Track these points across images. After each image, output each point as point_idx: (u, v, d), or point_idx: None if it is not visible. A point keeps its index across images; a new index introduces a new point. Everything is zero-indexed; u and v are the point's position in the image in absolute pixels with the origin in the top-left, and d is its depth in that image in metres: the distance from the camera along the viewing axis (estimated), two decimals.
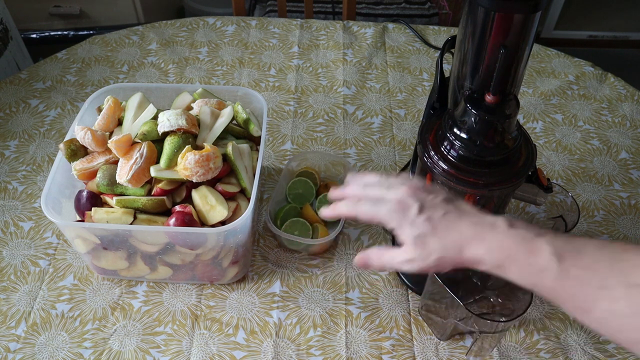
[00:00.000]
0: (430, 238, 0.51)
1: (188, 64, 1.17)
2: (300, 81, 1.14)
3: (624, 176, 0.98)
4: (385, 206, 0.53)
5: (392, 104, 1.11)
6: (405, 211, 0.52)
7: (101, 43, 1.22)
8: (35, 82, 1.11)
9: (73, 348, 0.74)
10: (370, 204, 0.54)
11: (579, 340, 0.76)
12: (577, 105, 1.12)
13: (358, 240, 0.87)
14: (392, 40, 1.26)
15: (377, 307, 0.79)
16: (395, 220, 0.52)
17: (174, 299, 0.79)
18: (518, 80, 0.59)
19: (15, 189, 0.92)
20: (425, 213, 0.51)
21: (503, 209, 0.71)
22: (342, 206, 0.57)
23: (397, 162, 0.99)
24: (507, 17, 0.52)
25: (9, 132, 1.01)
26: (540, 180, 0.66)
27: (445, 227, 0.50)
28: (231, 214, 0.72)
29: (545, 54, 1.24)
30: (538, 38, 2.46)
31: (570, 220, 0.77)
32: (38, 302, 0.78)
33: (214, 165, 0.70)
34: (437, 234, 0.50)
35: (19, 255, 0.83)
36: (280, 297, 0.80)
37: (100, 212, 0.70)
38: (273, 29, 1.28)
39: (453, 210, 0.51)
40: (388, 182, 0.55)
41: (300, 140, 1.02)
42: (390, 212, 0.52)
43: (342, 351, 0.74)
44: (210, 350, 0.74)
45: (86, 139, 0.73)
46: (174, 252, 0.73)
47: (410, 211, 0.51)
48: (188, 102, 0.82)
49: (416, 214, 0.51)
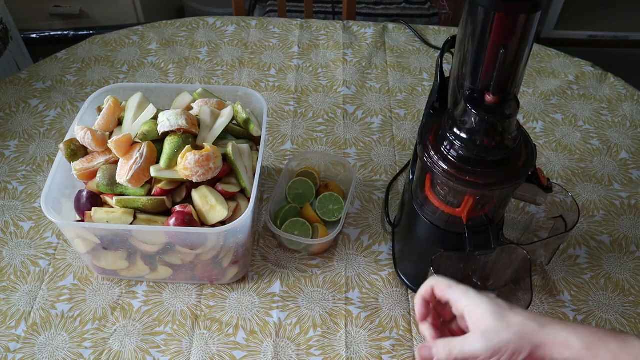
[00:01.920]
0: (508, 312, 0.50)
1: (188, 64, 1.17)
2: (300, 81, 1.14)
3: (624, 176, 0.98)
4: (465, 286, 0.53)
5: (392, 104, 1.11)
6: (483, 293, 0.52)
7: (101, 43, 1.22)
8: (35, 82, 1.11)
9: (73, 348, 0.74)
10: (452, 285, 0.54)
11: None
12: (577, 105, 1.12)
13: (358, 240, 0.87)
14: (392, 40, 1.26)
15: (377, 307, 0.79)
16: (473, 296, 0.52)
17: (174, 299, 0.79)
18: (518, 80, 0.58)
19: (15, 189, 0.92)
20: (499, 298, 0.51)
21: (503, 209, 0.71)
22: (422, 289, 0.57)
23: (397, 162, 0.99)
24: (507, 17, 0.52)
25: (9, 132, 1.01)
26: (540, 180, 0.66)
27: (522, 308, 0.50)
28: (231, 214, 0.72)
29: (545, 54, 1.24)
30: (538, 38, 2.46)
31: (570, 220, 0.77)
32: (38, 302, 0.78)
33: (214, 165, 0.70)
34: (516, 311, 0.50)
35: (19, 255, 0.83)
36: (280, 297, 0.80)
37: (100, 212, 0.70)
38: (273, 29, 1.28)
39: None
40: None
41: (300, 140, 1.02)
42: (471, 290, 0.52)
43: (342, 351, 0.74)
44: (210, 350, 0.74)
45: (86, 139, 0.73)
46: (174, 252, 0.73)
47: (488, 294, 0.51)
48: (188, 102, 0.82)
49: (493, 296, 0.51)
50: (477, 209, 0.66)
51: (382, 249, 0.86)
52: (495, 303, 0.50)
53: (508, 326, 0.48)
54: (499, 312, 0.49)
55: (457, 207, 0.66)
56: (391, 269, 0.84)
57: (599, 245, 0.87)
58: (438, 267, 0.71)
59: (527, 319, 0.49)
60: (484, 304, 0.50)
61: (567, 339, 0.47)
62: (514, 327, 0.48)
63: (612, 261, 0.85)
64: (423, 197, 0.70)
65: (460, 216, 0.67)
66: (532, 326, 0.48)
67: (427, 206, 0.70)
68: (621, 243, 0.88)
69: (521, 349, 0.48)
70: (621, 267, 0.85)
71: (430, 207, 0.70)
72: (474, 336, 0.50)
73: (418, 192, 0.72)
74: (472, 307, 0.51)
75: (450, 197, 0.66)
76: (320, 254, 0.85)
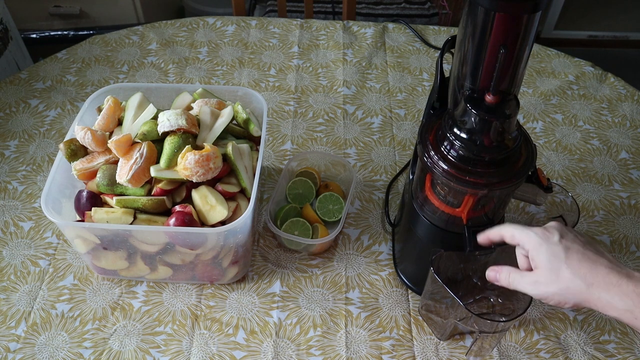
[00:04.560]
0: (561, 264, 0.53)
1: (188, 64, 1.17)
2: (300, 81, 1.14)
3: (624, 176, 0.98)
4: (532, 231, 0.57)
5: (392, 104, 1.11)
6: (547, 237, 0.55)
7: (101, 43, 1.22)
8: (35, 82, 1.11)
9: (73, 348, 0.74)
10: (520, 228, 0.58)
11: (579, 340, 0.76)
12: (577, 105, 1.12)
13: (358, 240, 0.87)
14: (392, 40, 1.26)
15: (377, 307, 0.79)
16: (534, 242, 0.55)
17: (174, 299, 0.79)
18: (518, 80, 0.59)
19: (15, 189, 0.92)
20: (564, 242, 0.54)
21: (503, 209, 0.71)
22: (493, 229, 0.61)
23: (397, 162, 0.99)
24: (507, 17, 0.52)
25: (9, 132, 1.01)
26: (540, 180, 0.66)
27: (579, 259, 0.53)
28: (231, 214, 0.72)
29: (545, 54, 1.24)
30: (538, 38, 2.46)
31: (570, 220, 0.77)
32: (38, 302, 0.78)
33: (214, 165, 0.70)
34: (570, 263, 0.53)
35: (19, 255, 0.83)
36: (280, 297, 0.80)
37: (100, 212, 0.70)
38: (273, 29, 1.28)
39: (592, 250, 0.54)
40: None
41: (300, 140, 1.02)
42: (534, 235, 0.56)
43: (342, 351, 0.74)
44: (210, 350, 0.74)
45: (86, 139, 0.73)
46: (174, 252, 0.73)
47: (551, 238, 0.55)
48: (188, 102, 0.82)
49: (556, 241, 0.54)
50: (477, 209, 0.66)
51: (382, 249, 0.86)
52: (552, 253, 0.54)
53: (557, 280, 0.53)
54: (553, 263, 0.53)
55: (457, 207, 0.66)
56: (391, 269, 0.84)
57: (599, 245, 0.87)
58: (438, 267, 0.71)
59: (575, 276, 0.52)
60: (543, 252, 0.54)
61: (610, 302, 0.50)
62: (562, 282, 0.53)
63: None
64: (423, 197, 0.70)
65: (460, 216, 0.67)
66: (579, 284, 0.52)
67: (427, 206, 0.70)
68: (621, 243, 0.88)
69: (565, 301, 0.53)
70: None
71: (430, 207, 0.70)
72: (528, 279, 0.56)
73: (418, 192, 0.72)
74: (533, 252, 0.55)
75: (450, 197, 0.66)
76: (320, 254, 0.85)
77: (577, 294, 0.52)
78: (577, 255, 0.53)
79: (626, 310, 0.50)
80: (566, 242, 0.54)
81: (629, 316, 0.50)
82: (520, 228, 0.58)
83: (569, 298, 0.53)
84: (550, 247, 0.54)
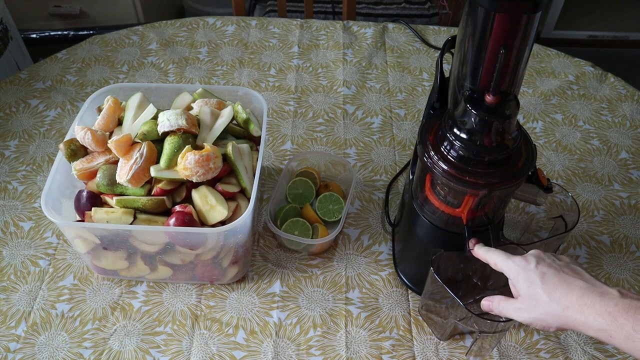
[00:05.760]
0: (538, 290, 0.55)
1: (188, 64, 1.17)
2: (300, 81, 1.14)
3: (624, 176, 0.98)
4: (511, 260, 0.59)
5: (392, 104, 1.11)
6: (524, 265, 0.57)
7: (101, 43, 1.22)
8: (35, 82, 1.11)
9: (73, 348, 0.74)
10: (502, 257, 0.60)
11: (579, 340, 0.76)
12: (577, 105, 1.12)
13: (358, 240, 0.87)
14: (392, 40, 1.26)
15: (377, 307, 0.79)
16: (514, 271, 0.58)
17: (174, 299, 0.79)
18: (518, 80, 0.59)
19: (15, 189, 0.92)
20: (540, 267, 0.56)
21: (503, 209, 0.71)
22: (480, 251, 0.64)
23: (397, 162, 0.99)
24: (507, 17, 0.52)
25: (9, 132, 1.01)
26: (540, 180, 0.66)
27: (554, 284, 0.54)
28: (231, 214, 0.72)
29: (545, 54, 1.24)
30: (538, 38, 2.46)
31: (570, 220, 0.77)
32: (38, 302, 0.78)
33: (214, 165, 0.70)
34: (545, 288, 0.54)
35: (19, 255, 0.83)
36: (280, 297, 0.80)
37: (100, 212, 0.70)
38: (273, 29, 1.28)
39: (569, 272, 0.55)
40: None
41: (300, 140, 1.02)
42: (513, 264, 0.58)
43: (342, 351, 0.74)
44: (210, 350, 0.74)
45: (86, 139, 0.73)
46: (174, 252, 0.73)
47: (527, 266, 0.57)
48: (188, 102, 0.82)
49: (533, 268, 0.56)
50: (477, 209, 0.66)
51: (382, 249, 0.86)
52: (529, 280, 0.56)
53: (536, 305, 0.55)
54: (531, 290, 0.55)
55: (457, 207, 0.66)
56: (391, 269, 0.84)
57: (599, 245, 0.87)
58: (438, 267, 0.71)
59: (552, 300, 0.53)
60: (521, 280, 0.56)
61: (586, 322, 0.51)
62: (541, 307, 0.54)
63: (612, 261, 0.85)
64: (423, 197, 0.70)
65: (460, 216, 0.67)
66: (556, 308, 0.53)
67: (427, 206, 0.70)
68: (621, 243, 0.88)
69: (549, 325, 0.55)
70: (621, 267, 0.85)
71: (430, 207, 0.70)
72: (513, 307, 0.58)
73: (418, 192, 0.72)
74: (514, 281, 0.58)
75: (450, 197, 0.66)
76: (320, 254, 0.85)
77: (557, 318, 0.53)
78: (553, 279, 0.54)
79: (600, 329, 0.50)
80: (542, 268, 0.56)
81: (604, 335, 0.50)
82: (502, 257, 0.60)
83: (550, 322, 0.54)
84: (527, 275, 0.56)
